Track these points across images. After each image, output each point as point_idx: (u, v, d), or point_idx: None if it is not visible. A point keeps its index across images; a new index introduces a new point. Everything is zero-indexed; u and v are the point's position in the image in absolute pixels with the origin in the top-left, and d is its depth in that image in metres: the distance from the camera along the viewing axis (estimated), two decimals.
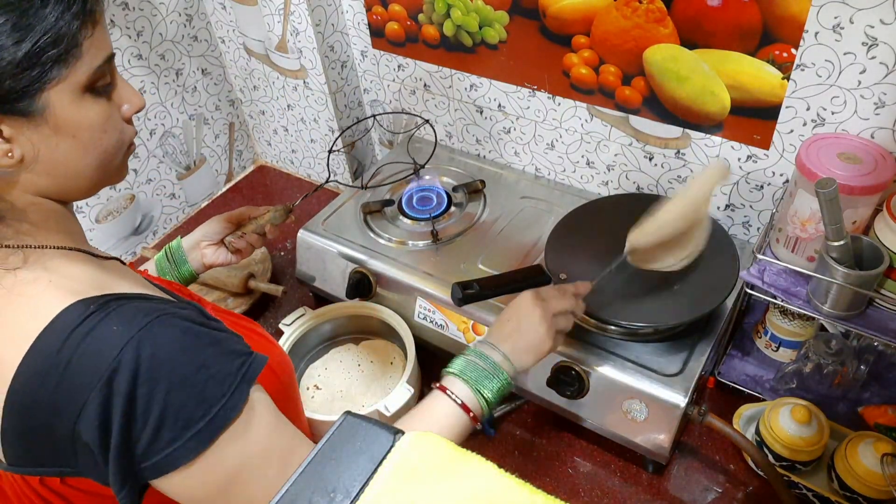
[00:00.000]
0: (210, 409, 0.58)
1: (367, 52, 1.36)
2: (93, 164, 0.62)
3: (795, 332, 1.04)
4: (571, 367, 0.96)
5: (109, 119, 0.62)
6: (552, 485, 1.01)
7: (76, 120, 0.59)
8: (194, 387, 0.58)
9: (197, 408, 0.58)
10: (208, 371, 0.59)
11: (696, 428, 1.05)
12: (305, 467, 0.48)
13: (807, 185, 0.86)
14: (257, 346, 0.75)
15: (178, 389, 0.57)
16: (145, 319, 0.58)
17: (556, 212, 1.17)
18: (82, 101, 0.59)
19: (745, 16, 0.91)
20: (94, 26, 0.59)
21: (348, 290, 1.17)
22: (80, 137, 0.60)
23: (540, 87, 1.18)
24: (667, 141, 1.11)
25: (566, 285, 0.89)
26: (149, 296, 0.64)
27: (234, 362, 0.62)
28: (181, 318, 0.61)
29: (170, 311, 0.61)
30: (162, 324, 0.58)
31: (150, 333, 0.57)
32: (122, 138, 0.65)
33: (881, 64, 0.86)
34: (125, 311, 0.59)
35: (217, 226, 1.04)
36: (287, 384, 0.80)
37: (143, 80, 1.37)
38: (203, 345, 0.60)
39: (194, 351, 0.59)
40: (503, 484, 0.45)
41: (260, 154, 1.72)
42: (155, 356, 0.57)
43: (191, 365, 0.58)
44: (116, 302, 0.59)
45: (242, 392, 0.61)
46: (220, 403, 0.59)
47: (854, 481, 0.89)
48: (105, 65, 0.60)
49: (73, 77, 0.57)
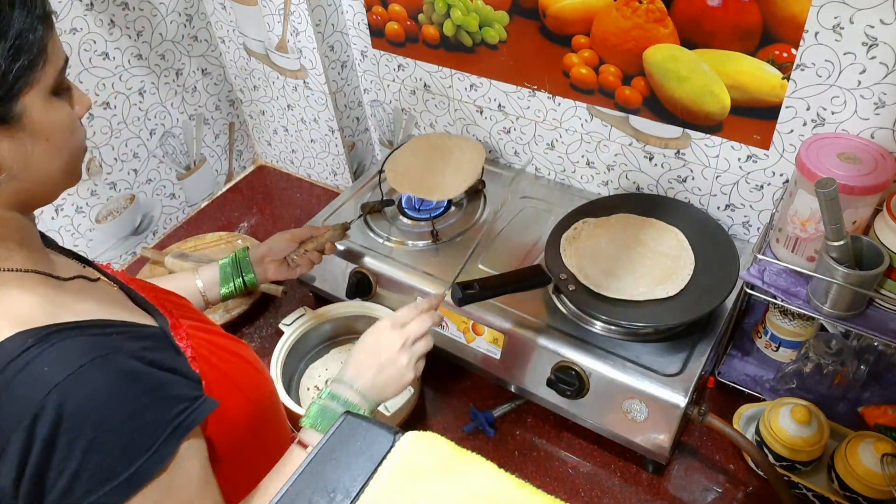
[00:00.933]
0: (132, 462, 0.56)
1: (367, 52, 1.36)
2: (63, 166, 0.62)
3: (795, 332, 1.04)
4: (571, 367, 0.96)
5: (74, 121, 0.62)
6: (552, 485, 1.01)
7: (49, 123, 0.59)
8: (119, 438, 0.56)
9: (119, 461, 0.56)
10: (137, 421, 0.57)
11: (696, 428, 1.05)
12: (305, 467, 0.48)
13: (807, 185, 0.86)
14: (235, 369, 0.74)
15: (101, 441, 0.55)
16: (80, 360, 0.56)
17: (556, 212, 1.17)
18: (51, 104, 0.59)
19: (745, 16, 0.91)
20: (52, 30, 0.59)
21: (348, 290, 1.17)
22: (54, 140, 0.60)
23: (540, 87, 1.18)
24: (667, 141, 1.11)
25: (420, 302, 0.87)
26: (104, 322, 0.62)
27: (171, 411, 0.59)
28: (126, 356, 0.58)
29: (113, 348, 0.58)
30: (97, 366, 0.56)
31: (80, 378, 0.55)
32: (83, 139, 0.65)
33: (881, 64, 0.86)
34: (63, 347, 0.56)
35: (283, 244, 1.08)
36: (265, 409, 0.78)
37: (143, 80, 1.37)
38: (138, 392, 0.58)
39: (126, 398, 0.57)
40: (503, 484, 0.45)
41: (260, 154, 1.72)
42: (82, 404, 0.54)
43: (120, 414, 0.56)
44: (59, 335, 0.57)
45: (171, 445, 0.59)
46: (144, 457, 0.56)
47: (854, 481, 0.89)
48: (64, 67, 0.61)
49: (44, 80, 0.58)
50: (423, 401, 1.14)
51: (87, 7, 1.22)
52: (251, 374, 0.78)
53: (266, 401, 0.79)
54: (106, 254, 1.44)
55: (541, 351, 1.00)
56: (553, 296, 1.06)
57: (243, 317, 1.29)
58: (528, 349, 1.01)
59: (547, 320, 1.02)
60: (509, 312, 1.04)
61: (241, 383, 0.74)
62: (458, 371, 1.16)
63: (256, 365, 0.81)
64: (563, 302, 1.04)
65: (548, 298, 1.06)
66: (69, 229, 1.35)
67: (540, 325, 1.02)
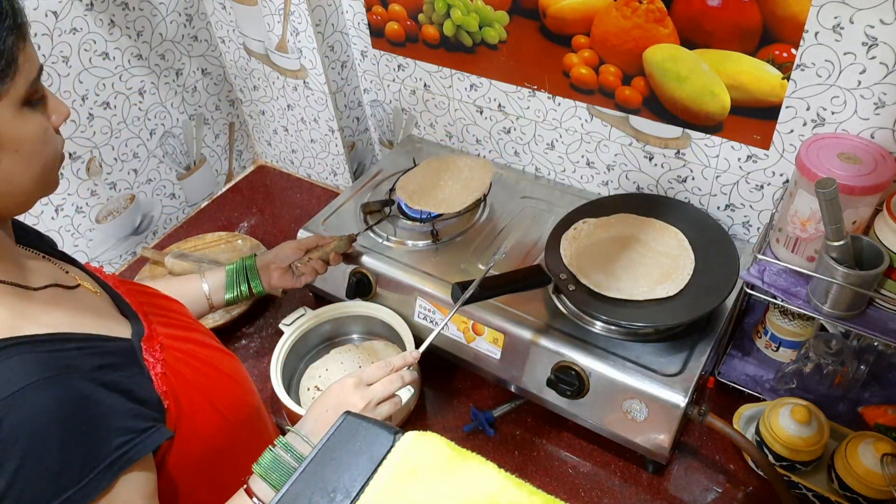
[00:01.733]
0: (61, 492, 0.54)
1: (367, 52, 1.36)
2: (34, 177, 0.61)
3: (795, 332, 1.04)
4: (571, 367, 0.96)
5: (47, 131, 0.61)
6: (552, 485, 1.01)
7: (19, 134, 0.58)
8: (50, 466, 0.54)
9: (46, 489, 0.54)
10: (73, 451, 0.55)
11: (696, 428, 1.05)
12: (305, 467, 0.48)
13: (807, 185, 0.86)
14: (210, 382, 0.73)
15: (31, 466, 0.53)
16: (23, 381, 0.54)
17: (556, 212, 1.17)
18: (22, 116, 0.58)
19: (745, 16, 0.91)
20: (24, 41, 0.58)
21: (348, 290, 1.17)
22: (23, 151, 0.59)
23: (540, 87, 1.18)
24: (667, 141, 1.11)
25: (393, 360, 0.84)
26: (66, 336, 0.61)
27: (111, 443, 0.58)
28: (78, 377, 0.57)
29: (63, 370, 0.57)
30: (41, 388, 0.55)
31: (21, 399, 0.54)
32: (58, 149, 0.64)
33: (881, 64, 0.86)
34: (11, 365, 0.55)
35: (289, 252, 1.09)
36: (242, 422, 0.77)
37: (143, 80, 1.37)
38: (79, 420, 0.56)
39: (65, 425, 0.55)
40: (503, 484, 0.45)
41: (260, 154, 1.72)
42: (16, 426, 0.53)
43: (55, 441, 0.54)
44: (16, 348, 0.56)
45: (104, 478, 0.57)
46: (73, 488, 0.55)
47: (854, 481, 0.89)
48: (37, 78, 0.60)
49: (14, 91, 0.57)
50: (423, 401, 1.14)
51: (87, 7, 1.22)
52: (229, 387, 0.77)
53: (243, 414, 0.78)
54: (106, 254, 1.44)
55: (541, 351, 1.00)
56: (553, 296, 1.06)
57: (243, 317, 1.29)
58: (528, 349, 1.01)
59: (547, 320, 1.02)
60: (509, 312, 1.04)
61: (214, 397, 0.73)
62: (458, 371, 1.16)
63: (237, 377, 0.80)
64: (563, 302, 1.04)
65: (548, 298, 1.06)
66: (69, 229, 1.35)
67: (540, 325, 1.02)
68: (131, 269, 1.46)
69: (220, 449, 0.73)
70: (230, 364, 0.80)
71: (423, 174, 1.25)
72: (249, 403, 0.80)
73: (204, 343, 0.79)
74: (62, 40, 1.21)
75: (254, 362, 1.23)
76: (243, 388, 0.80)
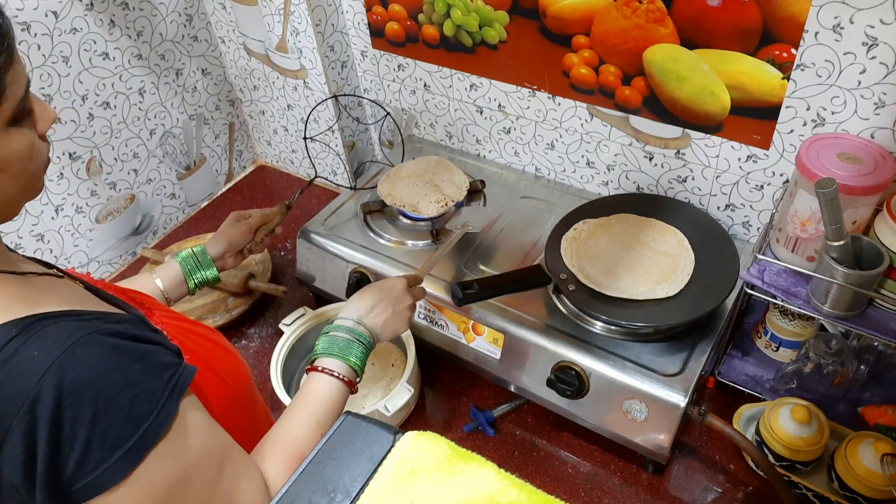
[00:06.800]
0: (138, 427, 0.58)
1: (367, 52, 1.36)
2: (20, 189, 0.61)
3: (795, 332, 1.04)
4: (571, 367, 0.96)
5: (34, 146, 0.61)
6: (552, 485, 1.01)
7: (5, 155, 0.58)
8: (121, 407, 0.57)
9: (124, 428, 0.57)
10: (135, 389, 0.59)
11: (696, 428, 1.05)
12: (306, 467, 0.48)
13: (807, 185, 0.86)
14: (210, 353, 0.75)
15: (104, 411, 0.56)
16: (67, 342, 0.57)
17: (556, 212, 1.17)
18: (9, 135, 0.58)
19: (745, 16, 0.91)
20: (11, 61, 0.57)
21: (348, 290, 1.17)
22: (9, 170, 0.59)
23: (540, 87, 1.18)
24: (667, 141, 1.11)
25: (410, 276, 0.98)
26: (80, 312, 0.63)
27: (163, 375, 0.61)
28: (108, 334, 0.60)
29: (95, 329, 0.59)
30: (85, 344, 0.58)
31: (71, 356, 0.56)
32: (44, 157, 0.64)
33: (881, 64, 0.86)
34: (48, 333, 0.57)
35: (240, 237, 1.10)
36: (242, 393, 0.79)
37: (143, 80, 1.37)
38: (129, 361, 0.60)
39: (119, 369, 0.58)
40: (503, 484, 0.45)
41: (260, 154, 1.72)
42: (78, 379, 0.56)
43: (116, 385, 0.58)
44: (41, 323, 0.58)
45: (171, 406, 0.60)
46: (148, 421, 0.58)
47: (854, 481, 0.89)
48: (25, 95, 0.59)
49: (1, 116, 0.56)
50: (423, 401, 1.14)
51: (87, 7, 1.22)
52: (227, 358, 0.79)
53: (243, 385, 0.80)
54: (106, 254, 1.44)
55: (541, 351, 1.00)
56: (553, 296, 1.06)
57: (243, 317, 1.29)
58: (528, 349, 1.01)
59: (547, 320, 1.02)
60: (509, 312, 1.04)
61: (217, 367, 0.76)
62: (458, 371, 1.16)
63: (230, 350, 0.83)
64: (563, 302, 1.04)
65: (548, 298, 1.06)
66: (69, 229, 1.35)
67: (540, 325, 1.02)
68: (131, 269, 1.46)
69: (223, 416, 0.74)
70: (220, 338, 0.83)
71: (406, 174, 1.26)
72: (245, 373, 0.83)
73: (192, 321, 0.81)
74: (62, 40, 1.21)
75: (254, 362, 1.23)
76: (237, 359, 0.83)
